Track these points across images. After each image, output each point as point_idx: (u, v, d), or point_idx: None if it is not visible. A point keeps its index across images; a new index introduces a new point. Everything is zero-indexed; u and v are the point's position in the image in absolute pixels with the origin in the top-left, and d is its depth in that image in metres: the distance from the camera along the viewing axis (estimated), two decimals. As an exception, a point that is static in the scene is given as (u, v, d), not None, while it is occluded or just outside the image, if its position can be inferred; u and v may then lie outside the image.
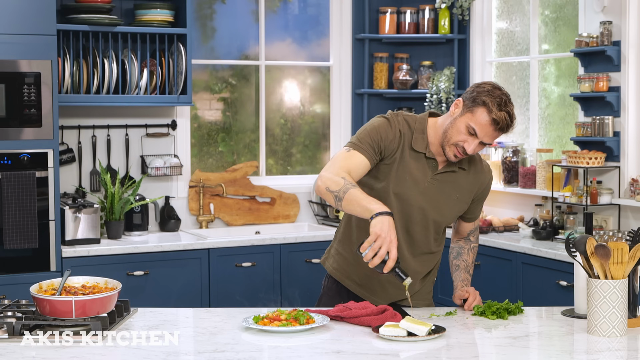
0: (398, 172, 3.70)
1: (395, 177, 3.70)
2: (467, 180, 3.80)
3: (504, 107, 3.57)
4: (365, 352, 3.17)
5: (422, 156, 3.73)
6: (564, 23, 6.57)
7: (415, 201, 3.72)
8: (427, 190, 3.73)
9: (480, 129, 3.59)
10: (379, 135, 3.66)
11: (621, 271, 3.41)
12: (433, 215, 3.76)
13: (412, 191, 3.71)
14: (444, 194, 3.76)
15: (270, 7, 7.28)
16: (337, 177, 3.53)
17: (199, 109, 7.07)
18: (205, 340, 3.31)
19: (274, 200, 7.09)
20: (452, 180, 3.77)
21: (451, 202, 3.78)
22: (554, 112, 6.69)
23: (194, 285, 6.10)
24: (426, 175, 3.73)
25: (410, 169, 3.71)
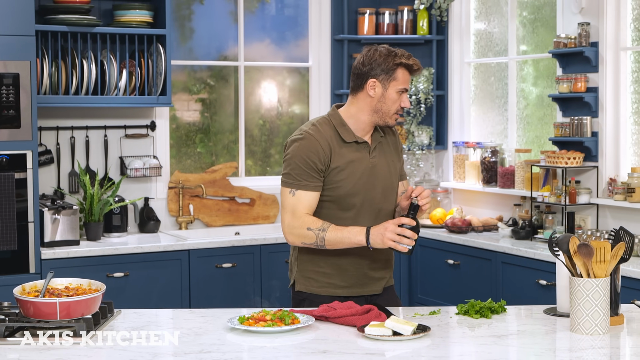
0: (342, 173, 3.82)
1: (346, 179, 3.83)
2: (389, 141, 3.99)
3: (407, 54, 3.82)
4: (351, 351, 3.18)
5: (353, 144, 3.86)
6: (542, 24, 6.61)
7: (374, 185, 3.87)
8: (374, 169, 3.88)
9: (406, 83, 3.81)
10: (312, 162, 3.77)
11: (603, 270, 3.43)
12: (388, 184, 3.92)
13: (365, 179, 3.85)
14: (387, 163, 3.93)
15: (249, 8, 7.28)
16: (303, 230, 3.74)
17: (177, 110, 7.06)
18: (191, 341, 3.30)
19: (254, 201, 7.09)
20: (383, 149, 3.94)
21: (392, 166, 3.96)
22: (532, 112, 6.72)
23: (174, 287, 6.09)
24: (366, 157, 3.87)
25: (353, 161, 3.84)
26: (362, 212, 3.88)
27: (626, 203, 5.72)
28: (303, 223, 3.75)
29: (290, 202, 3.78)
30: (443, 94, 7.26)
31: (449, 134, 7.26)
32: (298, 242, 3.80)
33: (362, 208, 3.87)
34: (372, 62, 3.78)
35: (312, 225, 3.74)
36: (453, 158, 7.21)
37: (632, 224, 5.71)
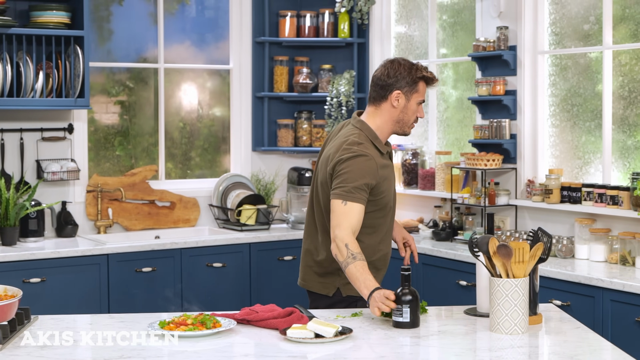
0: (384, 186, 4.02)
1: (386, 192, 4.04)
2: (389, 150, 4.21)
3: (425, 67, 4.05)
4: (273, 354, 3.17)
5: (386, 156, 4.12)
6: (462, 28, 6.67)
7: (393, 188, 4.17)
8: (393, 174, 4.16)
9: (424, 95, 4.08)
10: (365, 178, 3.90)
11: (522, 270, 3.48)
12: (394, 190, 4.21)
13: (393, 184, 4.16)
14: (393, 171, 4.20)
15: (169, 10, 7.22)
16: (342, 245, 3.79)
17: (96, 113, 6.97)
18: (111, 347, 3.26)
19: (174, 204, 7.03)
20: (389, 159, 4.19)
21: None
22: (452, 115, 6.78)
23: (93, 292, 6.01)
24: (391, 165, 4.16)
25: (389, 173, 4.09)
26: (391, 215, 4.15)
27: (544, 204, 5.80)
28: (345, 239, 3.80)
29: (342, 212, 3.85)
30: (364, 96, 7.28)
31: (370, 136, 7.28)
32: (334, 253, 3.83)
33: (391, 211, 4.14)
34: (397, 75, 3.98)
35: (349, 245, 3.78)
36: (374, 160, 7.23)
37: (550, 224, 5.79)
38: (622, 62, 5.59)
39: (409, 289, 3.58)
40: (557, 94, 6.00)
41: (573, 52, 5.87)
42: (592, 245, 5.43)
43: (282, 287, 6.64)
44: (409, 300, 3.55)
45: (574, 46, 5.88)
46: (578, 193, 5.64)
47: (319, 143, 7.33)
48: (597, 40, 5.73)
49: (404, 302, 3.55)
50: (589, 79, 5.82)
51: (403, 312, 3.54)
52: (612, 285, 4.76)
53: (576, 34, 5.87)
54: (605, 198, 5.44)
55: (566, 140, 5.96)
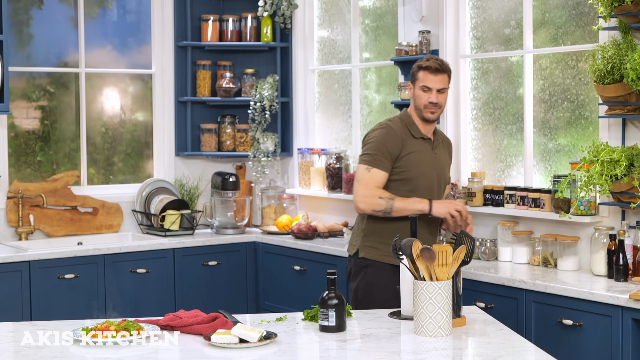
0: (412, 159, 4.75)
1: (415, 164, 4.75)
2: (444, 146, 5.00)
3: (431, 59, 4.80)
4: (197, 360, 3.16)
5: (421, 140, 4.82)
6: (384, 32, 6.71)
7: (432, 172, 4.82)
8: (435, 161, 4.86)
9: (427, 82, 4.75)
10: (385, 146, 4.73)
11: (445, 273, 3.51)
12: (442, 177, 4.90)
13: (428, 167, 4.80)
14: (443, 159, 4.95)
15: (89, 14, 7.14)
16: (375, 199, 4.68)
17: (15, 118, 6.86)
18: (32, 355, 3.22)
19: (97, 210, 6.96)
20: (441, 149, 4.93)
21: (447, 165, 5.00)
22: (375, 119, 6.81)
23: (13, 300, 5.91)
24: (430, 151, 4.85)
25: (420, 151, 4.79)
26: (420, 194, 4.74)
27: (467, 207, 5.85)
28: (375, 193, 4.66)
29: (366, 177, 4.71)
30: (288, 100, 7.29)
31: (294, 140, 7.29)
32: (368, 210, 4.69)
33: (421, 190, 4.76)
34: (412, 70, 4.84)
35: (382, 195, 4.66)
36: (298, 164, 7.25)
37: (474, 227, 5.83)
38: (542, 66, 5.67)
39: (334, 292, 3.59)
40: (479, 98, 6.07)
41: (494, 56, 5.94)
42: (514, 248, 5.50)
43: (206, 292, 6.61)
44: (335, 304, 3.56)
45: (495, 50, 5.95)
46: (500, 196, 5.71)
47: (243, 147, 7.32)
48: (518, 44, 5.80)
49: (329, 305, 3.56)
50: (510, 83, 5.89)
51: (329, 316, 3.55)
52: (534, 287, 4.81)
53: (497, 38, 5.94)
54: (528, 201, 5.51)
55: (488, 143, 6.02)
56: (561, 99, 5.56)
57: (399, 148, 4.73)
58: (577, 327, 4.61)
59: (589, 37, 5.37)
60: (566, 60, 5.53)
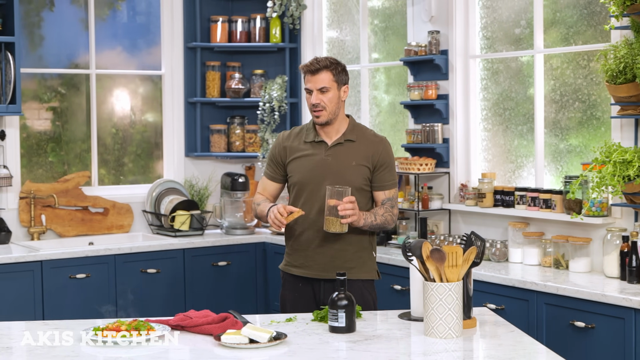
0: (296, 165, 4.47)
1: (297, 169, 4.47)
2: (359, 148, 4.45)
3: (313, 60, 4.44)
4: (207, 360, 3.16)
5: (313, 143, 4.47)
6: (393, 32, 6.71)
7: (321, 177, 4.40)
8: (326, 165, 4.42)
9: (306, 83, 4.42)
10: (272, 154, 4.58)
11: (456, 274, 3.50)
12: (339, 180, 4.37)
13: (315, 171, 4.42)
14: (342, 162, 4.43)
15: (100, 15, 7.16)
16: (254, 204, 4.56)
17: (27, 119, 6.88)
18: (44, 354, 3.23)
19: (107, 210, 6.97)
20: (344, 151, 4.44)
21: (351, 167, 4.42)
22: (384, 119, 6.81)
23: (26, 299, 5.93)
24: (321, 154, 4.45)
25: (307, 156, 4.46)
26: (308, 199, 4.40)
27: (477, 208, 5.85)
28: (254, 199, 4.57)
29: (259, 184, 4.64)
30: (297, 101, 7.29)
31: (304, 141, 7.29)
32: (252, 214, 4.71)
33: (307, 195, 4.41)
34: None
35: (257, 200, 4.54)
36: (308, 165, 7.24)
37: (483, 228, 5.84)
38: (553, 65, 5.66)
39: (344, 293, 3.59)
40: (489, 98, 6.06)
41: (504, 56, 5.93)
42: (525, 249, 5.49)
43: (216, 292, 6.62)
44: (344, 305, 3.56)
45: (505, 50, 5.95)
46: (511, 197, 5.70)
47: (252, 148, 7.32)
48: (529, 44, 5.79)
49: (339, 306, 3.55)
50: (520, 83, 5.88)
51: (338, 317, 3.55)
52: (546, 289, 4.80)
53: (507, 38, 5.94)
54: (539, 202, 5.49)
55: (498, 144, 6.02)
56: (572, 99, 5.55)
57: (281, 155, 4.52)
58: (589, 330, 4.59)
59: (601, 37, 5.35)
60: (577, 60, 5.52)
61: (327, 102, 4.38)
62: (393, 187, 4.50)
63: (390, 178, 4.50)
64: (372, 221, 4.35)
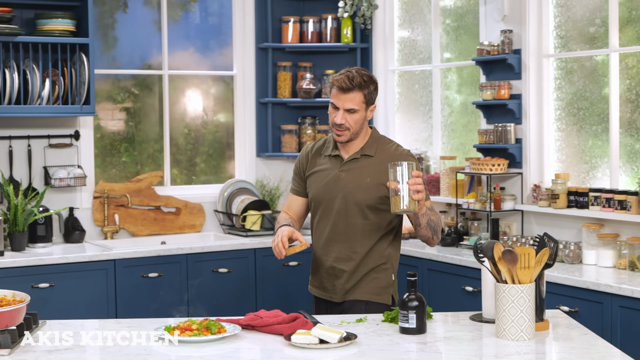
0: (312, 180, 4.24)
1: (313, 183, 4.24)
2: (376, 164, 4.12)
3: (341, 74, 4.06)
4: (277, 360, 3.17)
5: (330, 157, 4.22)
6: (465, 32, 6.66)
7: (334, 194, 4.15)
8: (339, 182, 4.15)
9: (334, 99, 4.07)
10: (296, 167, 4.34)
11: (528, 276, 3.46)
12: (352, 198, 4.11)
13: (328, 187, 4.17)
14: (356, 179, 4.12)
15: (172, 17, 7.23)
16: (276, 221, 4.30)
17: (101, 119, 6.97)
18: (117, 352, 3.26)
19: (179, 210, 7.03)
20: (359, 166, 4.15)
21: (365, 185, 4.11)
22: (456, 119, 6.77)
23: (100, 297, 6.01)
24: (335, 169, 4.19)
25: (323, 170, 4.21)
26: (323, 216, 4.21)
27: (550, 209, 5.79)
28: (278, 218, 4.31)
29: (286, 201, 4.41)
30: (368, 101, 7.27)
31: (375, 141, 7.27)
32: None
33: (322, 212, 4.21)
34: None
35: (280, 218, 4.27)
36: (379, 165, 7.22)
37: (557, 230, 5.78)
38: (629, 65, 5.58)
39: (415, 294, 3.57)
40: (562, 98, 5.99)
41: (579, 55, 5.86)
42: (600, 251, 5.41)
43: (287, 292, 6.64)
44: (415, 306, 3.54)
45: (579, 49, 5.87)
46: (585, 198, 5.62)
47: (324, 148, 7.33)
48: (603, 43, 5.71)
49: (410, 307, 3.53)
50: (595, 83, 5.80)
51: (409, 318, 3.53)
52: (620, 291, 4.73)
53: (582, 37, 5.86)
54: (613, 203, 5.42)
55: (572, 144, 5.94)
56: (647, 99, 5.47)
57: (303, 167, 4.28)
58: (663, 332, 4.53)
59: (677, 36, 5.27)
60: (653, 60, 5.44)
61: (352, 123, 4.05)
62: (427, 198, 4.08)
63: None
64: (430, 215, 4.03)
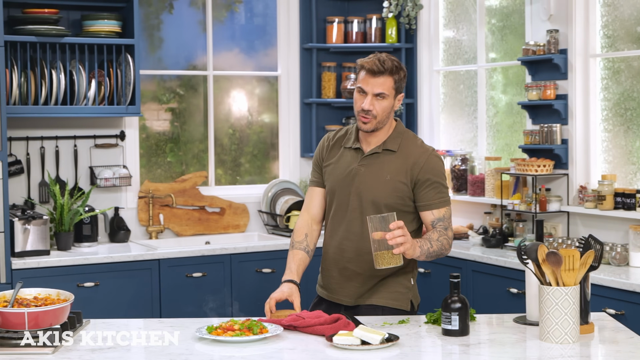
0: (329, 171, 4.05)
1: (329, 178, 4.05)
2: (397, 161, 3.93)
3: (373, 56, 3.86)
4: (319, 361, 3.17)
5: (351, 150, 4.00)
6: (511, 31, 6.62)
7: (348, 189, 3.96)
8: (353, 177, 3.95)
9: (363, 83, 3.85)
10: (315, 159, 4.14)
11: (572, 278, 3.43)
12: (368, 196, 3.92)
13: (343, 182, 3.97)
14: (374, 174, 3.93)
15: (218, 17, 7.26)
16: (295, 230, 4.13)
17: (147, 120, 7.02)
18: (159, 351, 3.28)
19: (224, 210, 7.06)
20: (379, 161, 3.94)
21: (384, 182, 3.91)
22: (502, 120, 6.73)
23: (144, 296, 6.05)
24: (354, 162, 3.97)
25: (340, 163, 4.01)
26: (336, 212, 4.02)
27: (597, 210, 5.73)
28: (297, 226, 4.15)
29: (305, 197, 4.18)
30: (412, 102, 7.26)
31: (420, 142, 7.24)
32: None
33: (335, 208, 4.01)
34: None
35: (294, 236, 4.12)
36: (423, 166, 7.20)
37: (603, 231, 5.72)
38: (675, 65, 5.52)
39: (458, 296, 3.55)
40: (609, 98, 5.93)
41: (626, 55, 5.80)
42: (647, 253, 5.36)
43: (331, 293, 6.63)
44: (458, 308, 3.52)
45: (627, 49, 5.81)
46: (632, 199, 5.56)
47: (369, 149, 7.32)
48: (650, 43, 5.66)
49: (452, 309, 3.52)
50: (641, 83, 5.75)
51: (452, 320, 3.51)
52: (668, 294, 4.69)
53: (629, 37, 5.80)
54: (660, 204, 5.36)
55: (619, 145, 5.88)
56: (695, 100, 5.40)
57: (322, 156, 4.07)
58: None
59: None
60: (701, 60, 5.37)
61: (380, 110, 3.83)
62: (443, 205, 3.92)
63: (436, 196, 3.91)
64: (429, 248, 3.81)
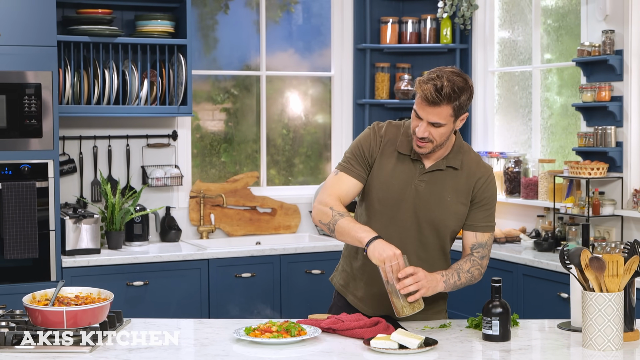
0: (379, 175, 3.68)
1: (378, 186, 3.68)
2: (460, 180, 3.69)
3: (429, 81, 3.47)
4: (355, 365, 3.15)
5: (407, 158, 3.67)
6: (566, 32, 6.54)
7: (405, 203, 3.66)
8: (417, 192, 3.65)
9: (418, 107, 3.52)
10: (361, 149, 3.70)
11: (616, 284, 3.37)
12: (427, 215, 3.66)
13: (398, 194, 3.66)
14: (435, 194, 3.66)
15: (272, 18, 7.27)
16: (326, 208, 3.62)
17: (201, 119, 7.06)
18: (196, 352, 3.29)
19: (275, 210, 7.07)
20: (441, 179, 3.67)
21: (445, 203, 3.66)
22: (556, 122, 6.65)
23: (193, 296, 6.08)
24: (413, 177, 3.66)
25: (397, 173, 3.67)
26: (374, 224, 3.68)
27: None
28: (329, 202, 3.63)
29: (330, 181, 3.73)
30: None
31: (473, 143, 7.20)
32: (316, 220, 3.68)
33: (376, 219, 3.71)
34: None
35: (335, 206, 3.61)
36: (477, 168, 7.14)
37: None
38: None
39: (499, 301, 3.50)
40: (665, 101, 5.84)
41: (682, 57, 5.70)
42: (699, 258, 5.25)
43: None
44: (499, 313, 3.48)
45: (683, 51, 5.72)
46: (686, 203, 5.48)
47: (421, 150, 7.28)
48: None
49: (493, 314, 3.47)
50: (698, 86, 5.64)
51: (492, 325, 3.47)
52: None
53: (685, 39, 5.70)
54: None
55: (674, 148, 5.79)
56: None
57: (371, 153, 3.68)
58: None
59: None
60: None
61: (437, 136, 3.54)
62: (488, 230, 3.76)
63: (485, 219, 3.75)
64: (455, 282, 3.65)
